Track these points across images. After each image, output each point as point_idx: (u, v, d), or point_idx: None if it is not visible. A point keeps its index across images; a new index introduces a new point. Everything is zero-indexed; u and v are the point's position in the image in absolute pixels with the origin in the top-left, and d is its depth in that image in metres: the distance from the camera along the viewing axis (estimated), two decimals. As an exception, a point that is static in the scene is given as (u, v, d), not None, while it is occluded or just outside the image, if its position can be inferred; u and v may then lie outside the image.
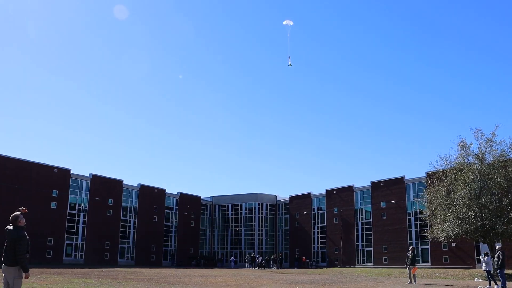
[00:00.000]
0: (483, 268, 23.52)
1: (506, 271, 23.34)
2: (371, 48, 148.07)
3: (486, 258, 23.61)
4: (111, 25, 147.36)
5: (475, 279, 30.57)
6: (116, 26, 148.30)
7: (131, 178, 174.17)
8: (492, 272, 23.02)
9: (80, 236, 59.63)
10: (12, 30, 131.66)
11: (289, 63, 36.30)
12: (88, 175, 61.68)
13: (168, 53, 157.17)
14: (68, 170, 59.56)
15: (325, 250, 66.18)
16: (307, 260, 64.52)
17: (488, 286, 22.35)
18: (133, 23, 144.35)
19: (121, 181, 65.21)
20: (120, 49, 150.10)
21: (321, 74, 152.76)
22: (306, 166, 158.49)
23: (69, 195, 59.18)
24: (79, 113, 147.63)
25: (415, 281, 24.43)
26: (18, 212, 8.31)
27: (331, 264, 63.00)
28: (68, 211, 58.90)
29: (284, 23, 34.26)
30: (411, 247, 26.44)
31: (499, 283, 21.93)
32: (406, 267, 25.97)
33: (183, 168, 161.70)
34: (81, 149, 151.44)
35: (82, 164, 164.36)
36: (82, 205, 60.54)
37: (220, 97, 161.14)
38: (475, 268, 45.13)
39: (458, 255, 50.71)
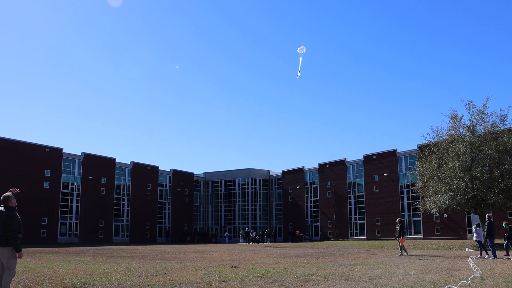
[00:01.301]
0: (474, 238, 23.81)
1: (496, 240, 23.62)
2: (365, 18, 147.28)
3: (477, 228, 23.90)
4: (105, 11, 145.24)
5: (467, 249, 30.95)
6: (110, 13, 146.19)
7: (124, 156, 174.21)
8: (483, 242, 23.30)
9: (74, 215, 59.71)
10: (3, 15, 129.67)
11: (298, 74, 36.12)
12: (80, 154, 61.48)
13: (162, 38, 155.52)
14: (60, 150, 59.33)
15: (319, 223, 66.70)
16: (301, 234, 65.05)
17: (479, 256, 22.63)
18: (126, 11, 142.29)
19: (113, 159, 65.08)
20: (113, 32, 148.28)
21: (311, 48, 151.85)
22: (298, 141, 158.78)
23: (62, 175, 59.11)
24: (70, 93, 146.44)
25: (406, 252, 24.71)
26: (9, 193, 8.25)
27: (324, 238, 63.57)
28: (61, 190, 58.89)
29: (298, 50, 34.19)
30: (397, 219, 26.76)
31: (490, 252, 22.21)
32: (395, 239, 26.39)
33: (176, 145, 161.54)
34: (73, 129, 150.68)
35: (74, 144, 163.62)
36: (75, 184, 60.49)
37: (212, 76, 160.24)
38: (466, 239, 45.71)
39: (450, 226, 51.30)
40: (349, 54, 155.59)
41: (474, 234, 23.76)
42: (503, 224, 24.52)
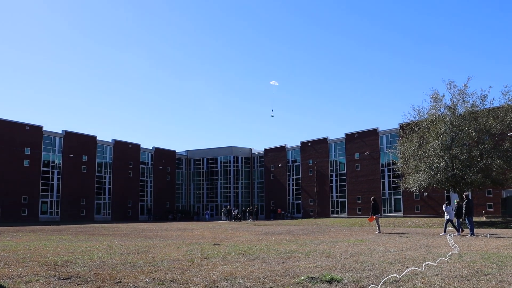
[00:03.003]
0: (445, 217, 24.31)
1: (474, 218, 24.06)
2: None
3: (447, 207, 24.41)
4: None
5: (446, 227, 31.44)
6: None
7: (105, 134, 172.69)
8: (456, 220, 23.76)
9: (55, 194, 59.27)
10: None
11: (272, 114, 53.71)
12: (61, 132, 60.79)
13: (143, 5, 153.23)
14: (40, 127, 58.56)
15: (300, 201, 67.17)
16: (283, 212, 65.52)
17: (457, 233, 23.07)
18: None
19: (94, 137, 64.51)
20: (93, 3, 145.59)
21: (292, 22, 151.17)
22: (280, 119, 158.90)
23: (42, 153, 58.46)
24: (50, 70, 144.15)
25: (379, 230, 25.11)
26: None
27: (306, 215, 64.12)
28: (42, 168, 58.29)
29: (271, 83, 37.97)
30: (372, 198, 27.12)
31: (467, 230, 22.59)
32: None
33: (157, 123, 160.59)
34: (53, 106, 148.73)
35: (55, 121, 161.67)
36: (55, 162, 59.90)
37: (194, 50, 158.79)
38: (445, 217, 46.43)
39: (430, 204, 52.03)
40: (332, 30, 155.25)
41: (445, 213, 24.28)
42: (455, 201, 25.10)
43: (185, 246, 15.71)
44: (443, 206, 25.15)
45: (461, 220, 23.73)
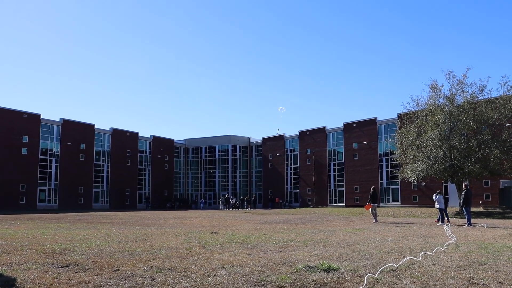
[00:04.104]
0: (436, 206, 24.54)
1: (472, 209, 24.17)
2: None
3: (437, 196, 24.57)
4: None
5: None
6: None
7: (103, 122, 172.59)
8: (445, 209, 24.20)
9: (53, 182, 59.27)
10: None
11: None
12: (58, 120, 60.66)
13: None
14: (38, 115, 58.41)
15: (298, 190, 67.28)
16: (280, 201, 65.64)
17: (440, 223, 23.28)
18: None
19: (92, 125, 64.40)
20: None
21: (293, 5, 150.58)
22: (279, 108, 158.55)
23: (40, 141, 58.34)
24: (47, 56, 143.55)
25: (374, 219, 25.20)
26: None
27: (303, 204, 64.25)
28: (40, 156, 58.24)
29: (278, 109, 37.68)
30: (372, 187, 27.19)
31: (464, 220, 22.69)
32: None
33: (156, 112, 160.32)
34: (51, 94, 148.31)
35: (52, 109, 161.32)
36: (53, 150, 59.83)
37: (193, 38, 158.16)
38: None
39: (427, 194, 52.11)
40: (331, 18, 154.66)
41: (436, 202, 24.51)
42: (437, 192, 25.64)
43: (183, 235, 15.76)
44: (434, 195, 25.31)
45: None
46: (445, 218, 24.06)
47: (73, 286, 6.66)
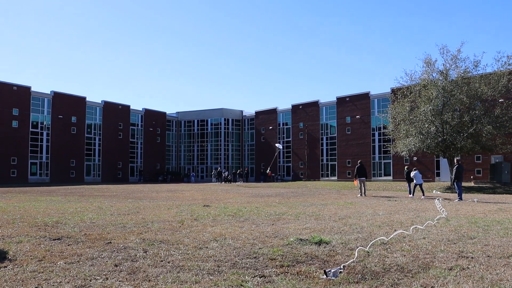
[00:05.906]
0: (415, 182, 25.05)
1: (463, 184, 24.45)
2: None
3: (415, 172, 25.11)
4: None
5: (434, 191, 31.87)
6: None
7: (95, 95, 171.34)
8: (414, 185, 25.32)
9: (44, 155, 59.04)
10: None
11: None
12: (49, 93, 60.10)
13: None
14: (28, 88, 57.80)
15: (290, 164, 67.51)
16: (273, 174, 65.87)
17: (411, 195, 24.15)
18: None
19: (84, 98, 63.90)
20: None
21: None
22: (272, 81, 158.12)
23: (31, 114, 57.89)
24: (38, 27, 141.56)
25: (362, 193, 25.38)
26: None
27: (296, 178, 64.55)
28: (31, 129, 57.87)
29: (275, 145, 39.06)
30: (358, 161, 27.37)
31: (456, 195, 22.88)
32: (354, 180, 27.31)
33: (148, 85, 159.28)
34: (41, 66, 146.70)
35: (43, 82, 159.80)
36: (44, 123, 59.43)
37: (184, 14, 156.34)
38: (434, 181, 46.97)
39: (419, 168, 52.33)
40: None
41: (414, 178, 25.09)
42: (405, 168, 26.33)
43: (175, 208, 15.80)
44: (412, 172, 25.68)
45: (451, 184, 24.22)
46: (421, 192, 24.92)
47: (66, 259, 6.66)
